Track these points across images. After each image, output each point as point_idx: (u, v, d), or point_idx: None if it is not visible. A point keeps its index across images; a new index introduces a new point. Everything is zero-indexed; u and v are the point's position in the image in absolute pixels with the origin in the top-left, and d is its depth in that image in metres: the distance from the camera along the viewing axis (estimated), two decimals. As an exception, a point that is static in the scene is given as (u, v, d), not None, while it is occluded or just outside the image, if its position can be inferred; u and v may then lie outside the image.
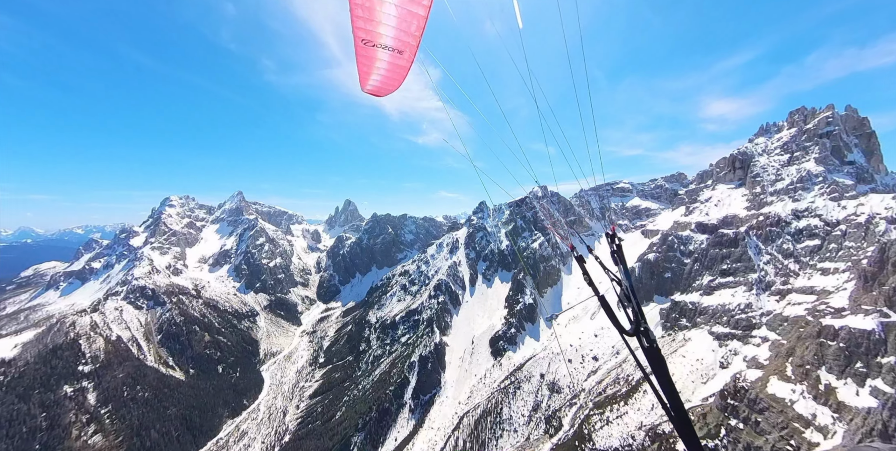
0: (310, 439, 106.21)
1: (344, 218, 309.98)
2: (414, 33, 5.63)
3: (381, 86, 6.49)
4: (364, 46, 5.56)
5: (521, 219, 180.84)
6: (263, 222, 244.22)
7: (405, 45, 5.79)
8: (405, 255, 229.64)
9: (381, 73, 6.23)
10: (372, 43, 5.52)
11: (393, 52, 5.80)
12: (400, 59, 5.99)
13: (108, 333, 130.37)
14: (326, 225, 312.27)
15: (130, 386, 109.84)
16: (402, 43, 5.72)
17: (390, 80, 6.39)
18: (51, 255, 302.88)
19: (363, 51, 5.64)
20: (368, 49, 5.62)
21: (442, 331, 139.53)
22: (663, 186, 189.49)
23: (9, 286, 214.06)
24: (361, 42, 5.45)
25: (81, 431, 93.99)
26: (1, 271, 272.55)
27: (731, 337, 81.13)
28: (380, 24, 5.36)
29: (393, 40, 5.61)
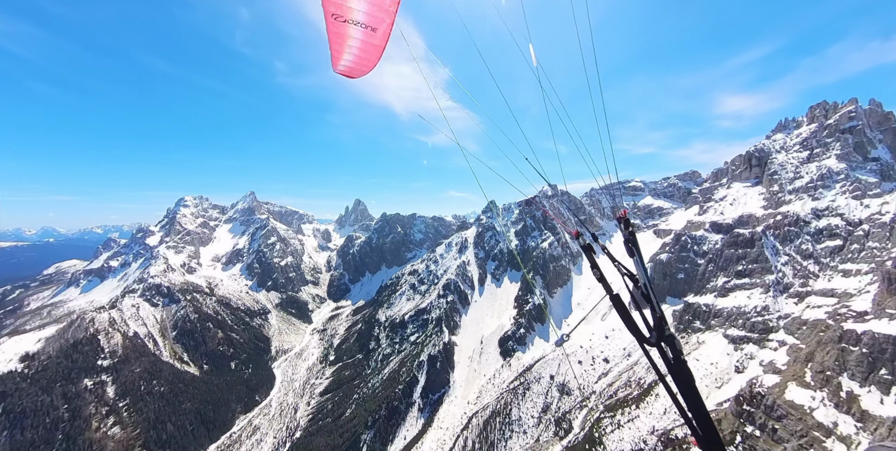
0: (320, 435, 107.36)
1: (354, 217, 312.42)
2: (388, 9, 5.34)
3: (353, 66, 6.10)
4: (335, 22, 5.25)
5: (531, 218, 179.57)
6: (275, 222, 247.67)
7: (379, 22, 5.48)
8: (414, 254, 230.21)
9: (354, 53, 5.87)
10: (343, 18, 5.22)
11: (366, 30, 5.49)
12: (373, 38, 5.64)
13: (126, 329, 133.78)
14: (337, 224, 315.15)
15: (147, 381, 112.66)
16: (375, 19, 5.41)
17: (364, 60, 6.02)
18: (72, 253, 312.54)
19: (334, 27, 5.34)
20: (339, 25, 5.32)
21: (451, 330, 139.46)
22: (676, 184, 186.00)
23: (32, 283, 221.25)
24: (332, 16, 5.14)
25: (101, 422, 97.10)
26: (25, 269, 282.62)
27: (747, 341, 78.98)
28: None
29: (365, 16, 5.31)
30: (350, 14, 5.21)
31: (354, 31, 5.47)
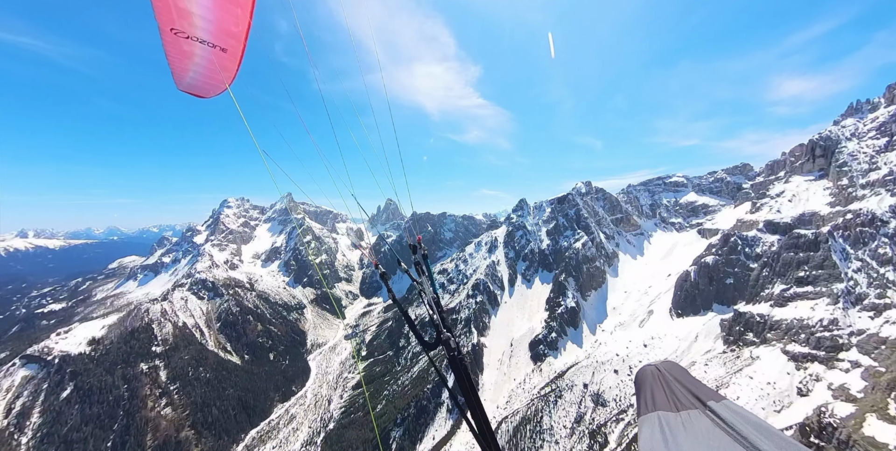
0: (352, 428, 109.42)
1: (385, 216, 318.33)
2: (235, 31, 4.72)
3: (201, 86, 5.40)
4: (175, 37, 4.52)
5: (563, 217, 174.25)
6: (310, 221, 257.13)
7: (228, 43, 4.85)
8: (444, 253, 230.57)
9: (201, 72, 5.14)
10: (185, 34, 4.52)
11: (214, 49, 4.83)
12: (223, 58, 4.99)
13: (176, 319, 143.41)
14: (369, 224, 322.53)
15: (194, 367, 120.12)
16: (223, 40, 4.78)
17: (214, 80, 5.32)
18: (132, 250, 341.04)
19: (173, 42, 4.59)
20: (180, 40, 4.59)
21: (480, 332, 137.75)
22: (724, 179, 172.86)
23: (99, 276, 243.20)
24: (171, 31, 4.42)
25: (155, 403, 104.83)
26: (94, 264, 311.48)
27: (811, 359, 69.78)
28: (192, 15, 4.36)
29: (211, 35, 4.67)
30: (193, 31, 4.54)
31: (200, 50, 4.81)
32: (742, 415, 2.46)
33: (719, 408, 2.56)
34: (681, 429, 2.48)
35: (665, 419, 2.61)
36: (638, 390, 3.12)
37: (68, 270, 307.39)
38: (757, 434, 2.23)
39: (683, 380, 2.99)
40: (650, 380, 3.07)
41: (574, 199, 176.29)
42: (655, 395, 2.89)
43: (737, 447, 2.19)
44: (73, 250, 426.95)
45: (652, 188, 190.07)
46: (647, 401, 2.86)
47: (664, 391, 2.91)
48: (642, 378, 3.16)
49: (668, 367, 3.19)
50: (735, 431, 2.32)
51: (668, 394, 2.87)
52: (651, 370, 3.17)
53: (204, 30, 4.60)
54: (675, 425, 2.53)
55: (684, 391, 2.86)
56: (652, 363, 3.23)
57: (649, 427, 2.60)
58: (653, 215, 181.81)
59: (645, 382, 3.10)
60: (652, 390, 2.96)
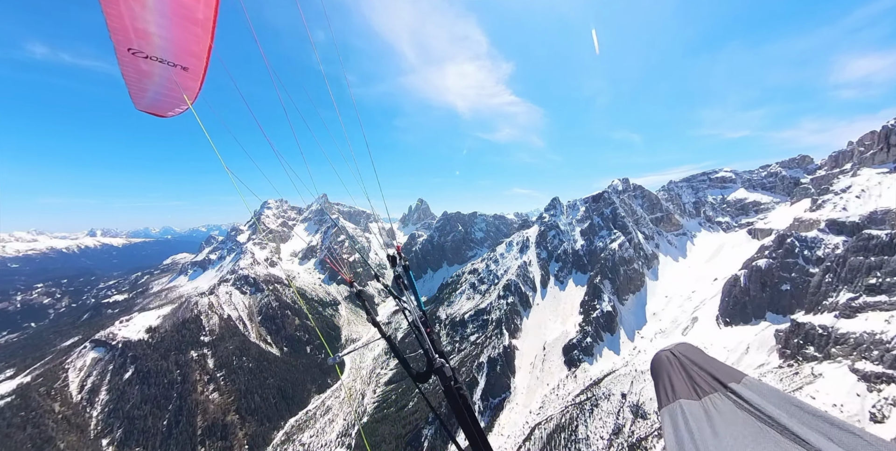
0: (385, 423, 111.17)
1: (416, 216, 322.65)
2: (196, 51, 4.52)
3: (163, 106, 5.21)
4: (132, 57, 4.30)
5: (599, 216, 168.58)
6: (344, 221, 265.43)
7: (189, 62, 4.62)
8: (475, 253, 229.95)
9: (162, 91, 4.95)
10: (143, 53, 4.32)
11: (175, 68, 4.60)
12: (184, 77, 4.76)
13: (221, 312, 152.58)
14: (400, 223, 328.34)
15: (238, 356, 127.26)
16: (183, 58, 4.56)
17: (174, 100, 5.12)
18: (183, 248, 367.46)
19: (130, 62, 4.37)
20: (138, 60, 4.37)
21: (511, 334, 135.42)
22: (779, 173, 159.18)
23: (155, 271, 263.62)
24: (128, 51, 4.21)
25: (204, 387, 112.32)
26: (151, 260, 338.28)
27: (887, 380, 61.27)
28: (150, 34, 4.17)
29: (170, 54, 4.45)
30: (152, 50, 4.33)
31: (159, 69, 4.59)
32: (765, 393, 2.35)
33: (741, 389, 2.44)
34: (705, 418, 2.36)
35: (688, 409, 2.47)
36: (655, 379, 2.95)
37: (129, 265, 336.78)
38: (785, 413, 2.14)
39: (701, 362, 2.83)
40: (667, 367, 2.91)
41: (610, 197, 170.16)
42: (674, 383, 2.74)
43: (766, 430, 2.08)
44: (133, 248, 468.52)
45: (696, 185, 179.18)
46: (667, 390, 2.71)
47: (683, 377, 2.75)
48: (658, 366, 2.99)
49: (684, 350, 3.02)
50: (761, 412, 2.21)
51: (687, 380, 2.71)
52: (666, 356, 3.00)
53: (163, 49, 4.39)
54: (698, 414, 2.40)
55: (703, 374, 2.71)
56: (666, 348, 3.06)
57: (672, 419, 2.47)
58: (696, 214, 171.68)
59: (661, 369, 2.93)
60: (670, 377, 2.81)
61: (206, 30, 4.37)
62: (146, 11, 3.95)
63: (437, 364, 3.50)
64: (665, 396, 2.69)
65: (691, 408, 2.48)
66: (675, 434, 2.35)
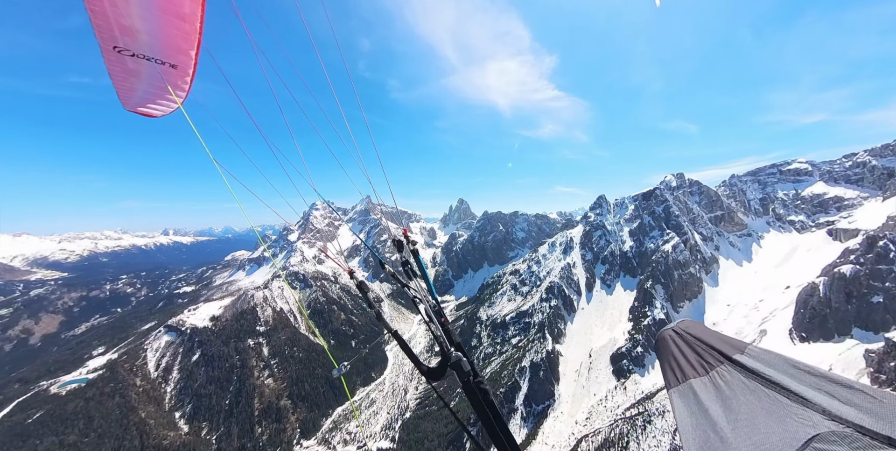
0: (427, 421, 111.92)
1: (457, 216, 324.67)
2: (185, 48, 4.43)
3: (152, 105, 5.08)
4: (118, 55, 4.20)
5: (650, 215, 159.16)
6: (386, 221, 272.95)
7: (177, 60, 4.53)
8: (516, 253, 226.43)
9: (151, 90, 4.84)
10: (129, 51, 4.22)
11: (163, 66, 4.51)
12: (173, 75, 4.66)
13: (275, 305, 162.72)
14: (441, 223, 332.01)
15: (290, 346, 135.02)
16: (171, 56, 4.47)
17: (164, 100, 4.99)
18: (242, 245, 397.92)
19: (117, 60, 4.27)
20: (124, 58, 4.27)
21: (555, 338, 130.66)
22: (868, 163, 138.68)
23: (218, 266, 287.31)
24: (113, 49, 4.13)
25: (260, 373, 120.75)
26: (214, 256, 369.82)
27: None
28: (136, 31, 4.09)
29: (158, 51, 4.36)
30: (138, 48, 4.24)
31: (147, 67, 4.49)
32: (769, 360, 2.37)
33: (745, 359, 2.46)
34: (715, 392, 2.38)
35: (697, 387, 2.49)
36: (661, 359, 2.92)
37: (196, 260, 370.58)
38: (789, 377, 2.17)
39: (704, 337, 2.81)
40: (671, 346, 2.88)
41: (662, 194, 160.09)
42: (681, 362, 2.73)
43: (774, 396, 2.11)
44: (199, 245, 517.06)
45: (763, 178, 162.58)
46: (675, 371, 2.71)
47: (688, 354, 2.75)
48: (663, 345, 2.95)
49: (686, 326, 2.99)
50: (768, 379, 2.22)
51: (692, 357, 2.72)
52: (669, 335, 2.96)
53: (149, 46, 4.31)
54: (708, 389, 2.43)
55: (708, 348, 2.71)
56: (668, 326, 3.02)
57: (683, 399, 2.48)
58: (764, 212, 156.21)
59: (666, 349, 2.90)
60: (675, 357, 2.79)
61: (194, 25, 4.28)
62: (130, 6, 3.88)
63: (454, 358, 3.07)
64: (674, 376, 2.69)
65: (700, 385, 2.49)
66: (689, 413, 2.36)
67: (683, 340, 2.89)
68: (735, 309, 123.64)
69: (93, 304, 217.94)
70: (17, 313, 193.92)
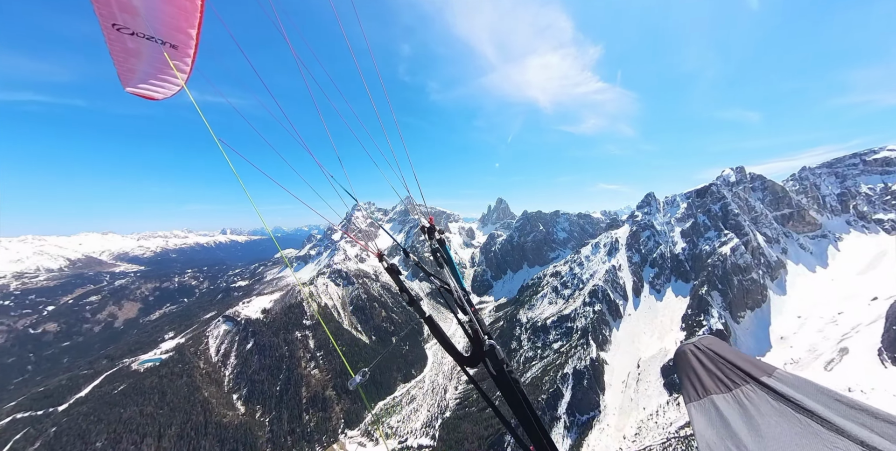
0: (466, 422, 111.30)
1: (496, 216, 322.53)
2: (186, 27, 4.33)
3: (151, 87, 4.92)
4: (117, 33, 4.14)
5: (705, 214, 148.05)
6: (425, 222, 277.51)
7: (178, 40, 4.44)
8: (557, 254, 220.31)
9: (151, 71, 4.75)
10: (129, 29, 4.16)
11: (164, 46, 4.42)
12: (174, 55, 4.55)
13: (319, 300, 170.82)
14: (480, 223, 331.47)
15: (335, 339, 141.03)
16: (172, 35, 4.37)
17: (164, 80, 4.88)
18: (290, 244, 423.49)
19: (116, 39, 4.22)
20: (123, 37, 4.21)
21: (599, 346, 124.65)
22: None
23: (268, 263, 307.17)
24: (112, 26, 4.07)
25: (306, 364, 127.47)
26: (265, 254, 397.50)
27: None
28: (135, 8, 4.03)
29: (158, 30, 4.26)
30: (137, 26, 4.18)
31: (147, 47, 4.42)
32: (801, 386, 2.26)
33: (774, 382, 2.35)
34: (739, 410, 2.28)
35: (719, 402, 2.40)
36: (681, 373, 2.85)
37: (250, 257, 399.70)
38: (823, 406, 2.04)
39: (728, 355, 2.72)
40: (692, 361, 2.80)
41: (719, 190, 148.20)
42: (701, 377, 2.66)
43: (805, 422, 1.99)
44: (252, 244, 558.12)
45: (842, 171, 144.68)
46: (695, 385, 2.63)
47: (710, 370, 2.67)
48: (683, 360, 2.89)
49: (709, 343, 2.91)
50: (799, 404, 2.11)
51: (714, 374, 2.63)
52: (690, 349, 2.89)
53: (150, 25, 4.26)
54: (731, 406, 2.33)
55: (731, 366, 2.61)
56: (689, 342, 2.93)
57: (704, 413, 2.40)
58: (843, 210, 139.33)
59: (686, 363, 2.83)
60: (696, 371, 2.72)
61: (195, 4, 4.24)
62: None
63: (487, 346, 3.04)
64: (694, 391, 2.61)
65: (722, 401, 2.40)
66: (710, 427, 2.26)
67: (706, 356, 2.82)
68: (807, 322, 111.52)
69: (165, 294, 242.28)
70: (105, 300, 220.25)
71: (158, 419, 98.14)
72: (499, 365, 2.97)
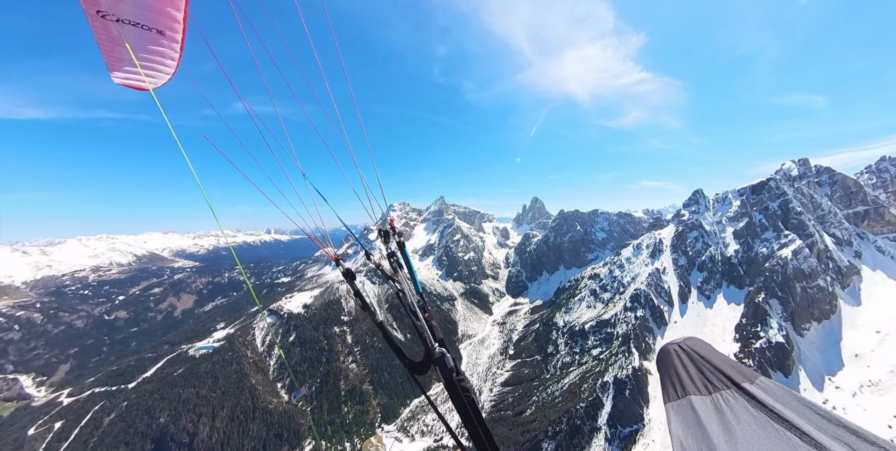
0: (502, 425, 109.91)
1: (531, 215, 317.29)
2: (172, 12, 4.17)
3: (141, 77, 4.68)
4: (102, 20, 4.00)
5: (761, 212, 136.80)
6: (459, 221, 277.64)
7: (165, 25, 4.32)
8: (596, 255, 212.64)
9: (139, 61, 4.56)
10: (113, 16, 4.01)
11: (149, 32, 4.31)
12: (161, 42, 4.43)
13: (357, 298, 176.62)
14: (514, 222, 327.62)
15: (370, 336, 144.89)
16: (158, 20, 4.25)
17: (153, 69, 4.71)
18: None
19: (102, 27, 4.08)
20: (109, 24, 4.07)
21: (642, 354, 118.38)
22: None
23: (309, 261, 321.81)
24: (97, 13, 3.94)
25: (345, 358, 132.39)
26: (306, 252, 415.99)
27: None
28: None
29: (143, 15, 4.11)
30: (122, 12, 4.05)
31: (133, 33, 4.28)
32: (782, 396, 2.26)
33: (755, 390, 2.35)
34: (715, 413, 2.29)
35: (697, 404, 2.40)
36: (662, 373, 2.81)
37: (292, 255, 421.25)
38: (803, 418, 2.03)
39: (712, 358, 2.71)
40: (675, 360, 2.78)
41: (779, 185, 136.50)
42: (682, 377, 2.64)
43: (782, 432, 1.99)
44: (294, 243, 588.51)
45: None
46: (675, 385, 2.63)
47: (692, 372, 2.66)
48: (665, 359, 2.85)
49: (693, 344, 2.87)
50: (778, 414, 2.10)
51: (696, 376, 2.61)
52: (674, 349, 2.87)
53: (134, 10, 4.16)
54: (708, 408, 2.34)
55: (714, 370, 2.60)
56: (673, 342, 2.90)
57: (681, 414, 2.41)
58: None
59: (669, 363, 2.80)
60: (678, 372, 2.70)
61: None
62: None
63: (437, 354, 3.08)
64: (673, 391, 2.62)
65: (701, 403, 2.40)
66: (685, 428, 2.27)
67: (689, 357, 2.78)
68: (889, 338, 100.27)
69: (216, 287, 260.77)
70: (165, 292, 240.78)
71: (212, 401, 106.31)
72: (448, 373, 2.99)
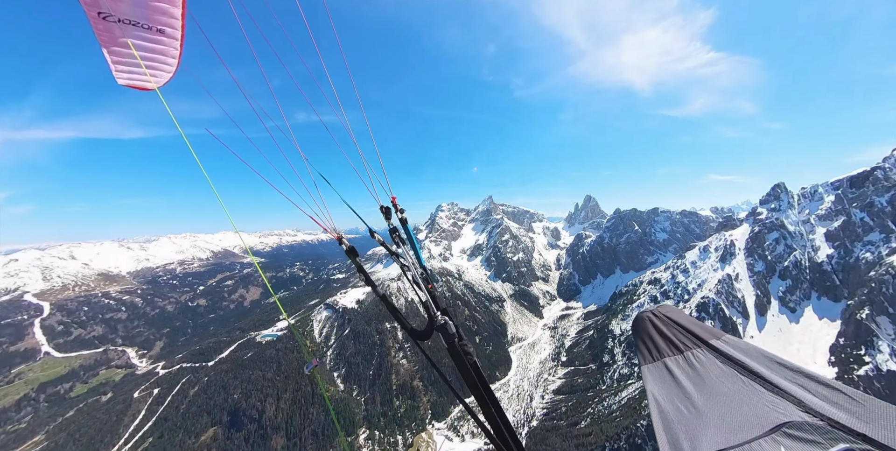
0: (555, 435, 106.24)
1: (584, 215, 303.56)
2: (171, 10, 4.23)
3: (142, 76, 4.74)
4: (104, 22, 4.10)
5: (864, 209, 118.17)
6: (508, 221, 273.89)
7: (165, 23, 4.40)
8: (656, 258, 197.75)
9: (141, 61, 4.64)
10: (113, 17, 4.10)
11: (149, 31, 4.41)
12: (161, 41, 4.51)
13: (406, 295, 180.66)
14: (566, 222, 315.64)
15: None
16: (157, 19, 4.32)
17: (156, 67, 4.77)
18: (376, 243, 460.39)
19: (104, 28, 4.19)
20: (111, 25, 4.18)
21: None
22: None
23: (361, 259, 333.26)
24: (98, 15, 4.02)
25: (395, 353, 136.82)
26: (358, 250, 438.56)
27: None
28: None
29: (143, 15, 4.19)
30: (122, 12, 4.13)
31: (134, 33, 4.38)
32: (746, 349, 2.49)
33: (721, 345, 2.58)
34: (689, 370, 2.50)
35: (671, 364, 2.62)
36: (637, 338, 3.03)
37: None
38: (766, 368, 2.27)
39: (681, 321, 2.95)
40: (649, 326, 3.00)
41: (889, 176, 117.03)
42: (656, 341, 2.86)
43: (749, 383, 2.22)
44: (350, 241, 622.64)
45: None
46: (650, 349, 2.84)
47: (664, 335, 2.87)
48: (639, 327, 3.08)
49: (666, 310, 3.11)
50: (744, 366, 2.34)
51: (667, 339, 2.83)
52: (648, 316, 3.08)
53: (134, 9, 4.25)
54: (682, 367, 2.56)
55: (684, 331, 2.84)
56: (646, 310, 3.11)
57: (656, 374, 2.61)
58: None
59: (643, 329, 3.02)
60: (651, 336, 2.92)
61: None
62: None
63: (440, 321, 3.28)
64: (649, 354, 2.83)
65: (675, 363, 2.62)
66: (661, 387, 2.46)
67: (662, 322, 3.00)
68: None
69: (280, 281, 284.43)
70: (237, 284, 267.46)
71: (277, 384, 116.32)
72: (450, 338, 3.19)
